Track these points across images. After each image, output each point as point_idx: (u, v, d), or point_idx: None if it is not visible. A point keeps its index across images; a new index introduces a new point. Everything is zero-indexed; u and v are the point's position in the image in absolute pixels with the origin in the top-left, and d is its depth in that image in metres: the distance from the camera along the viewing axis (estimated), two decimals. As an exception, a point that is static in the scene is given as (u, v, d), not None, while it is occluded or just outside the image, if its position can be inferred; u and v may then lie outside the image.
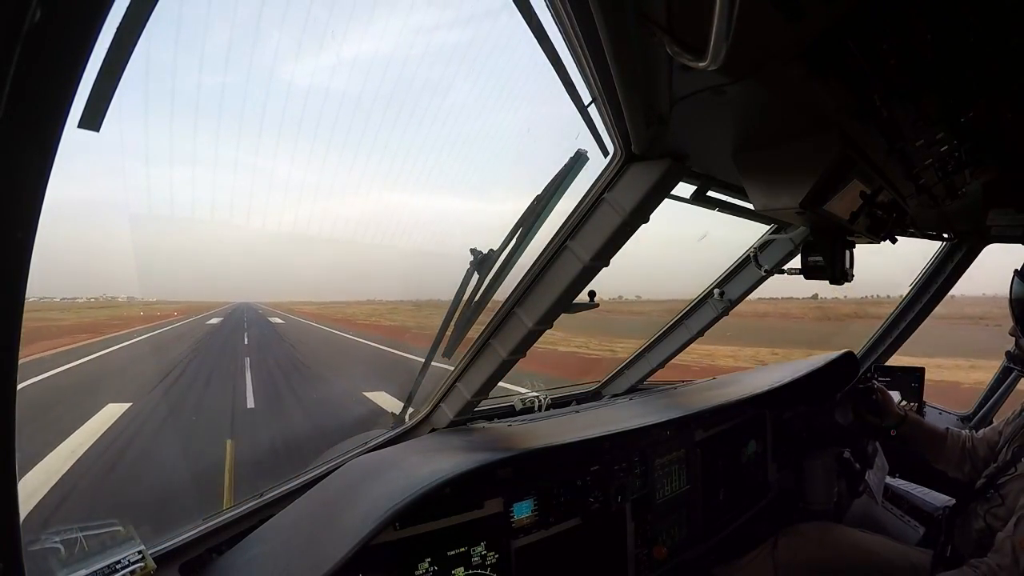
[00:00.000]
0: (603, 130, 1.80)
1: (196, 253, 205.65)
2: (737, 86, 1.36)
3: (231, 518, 2.02)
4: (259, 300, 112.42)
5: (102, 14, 0.75)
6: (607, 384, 3.79)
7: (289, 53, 2.02)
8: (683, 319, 3.54)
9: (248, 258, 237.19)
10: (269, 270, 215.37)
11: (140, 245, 52.47)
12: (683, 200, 2.29)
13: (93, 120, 1.05)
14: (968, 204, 2.68)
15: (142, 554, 1.63)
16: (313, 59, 3.07)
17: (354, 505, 1.88)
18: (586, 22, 1.15)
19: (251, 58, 2.24)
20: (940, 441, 3.21)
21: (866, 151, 1.85)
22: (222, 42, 2.13)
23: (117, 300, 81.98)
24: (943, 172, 2.15)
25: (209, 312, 67.44)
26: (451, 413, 2.57)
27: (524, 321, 2.26)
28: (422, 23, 1.82)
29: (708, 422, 3.27)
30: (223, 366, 19.55)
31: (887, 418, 3.34)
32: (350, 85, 2.25)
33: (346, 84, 2.32)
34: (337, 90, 3.23)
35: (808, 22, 1.09)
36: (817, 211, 1.88)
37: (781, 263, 3.08)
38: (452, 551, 2.09)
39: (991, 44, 1.29)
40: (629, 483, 2.73)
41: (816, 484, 3.60)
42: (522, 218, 2.10)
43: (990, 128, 1.82)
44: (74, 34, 0.72)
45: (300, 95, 2.83)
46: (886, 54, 1.28)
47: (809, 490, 3.63)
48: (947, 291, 4.08)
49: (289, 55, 2.02)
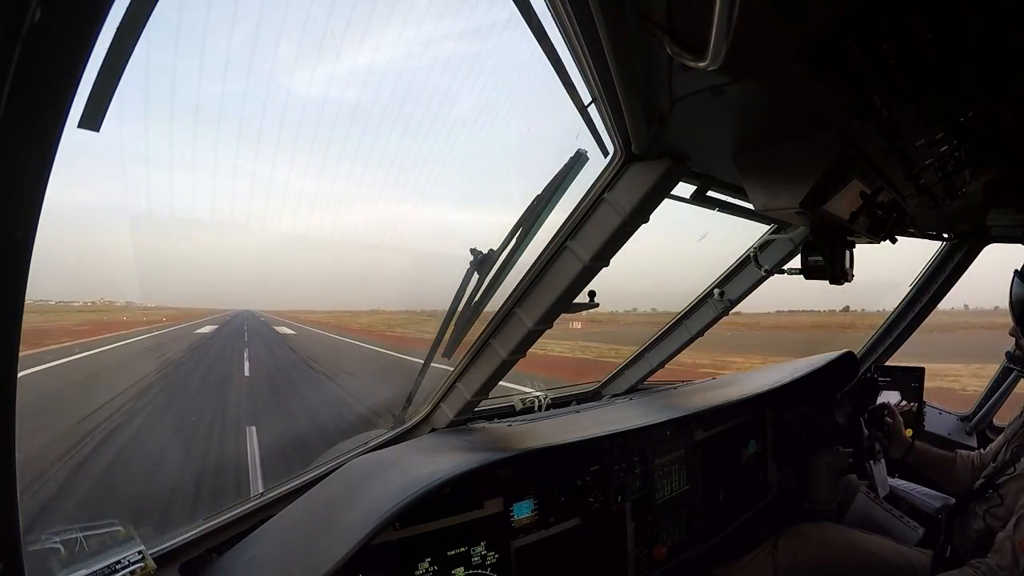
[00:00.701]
0: (603, 130, 1.80)
1: (198, 259, 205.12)
2: (737, 86, 1.36)
3: (231, 518, 2.02)
4: (261, 308, 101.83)
5: (102, 14, 0.75)
6: (607, 384, 3.79)
7: (290, 59, 2.02)
8: (683, 319, 3.54)
9: (251, 265, 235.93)
10: (272, 277, 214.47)
11: (140, 249, 51.82)
12: (683, 200, 2.29)
13: (93, 120, 1.06)
14: (968, 204, 2.68)
15: (142, 554, 1.64)
16: (320, 64, 3.06)
17: (354, 505, 1.88)
18: (586, 22, 1.15)
19: (251, 63, 2.24)
20: (948, 464, 3.24)
21: (866, 151, 1.85)
22: (221, 47, 2.13)
23: (115, 304, 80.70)
24: (943, 172, 2.15)
25: (201, 319, 58.27)
26: (451, 413, 2.57)
27: (524, 321, 2.26)
28: (423, 25, 1.82)
29: (708, 422, 3.27)
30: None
31: (895, 447, 3.37)
32: (354, 91, 2.25)
33: (351, 90, 2.32)
34: (341, 96, 3.23)
35: (808, 22, 1.09)
36: (817, 211, 1.87)
37: (781, 263, 3.08)
38: (452, 551, 2.10)
39: (991, 44, 1.29)
40: (629, 483, 2.73)
41: (820, 483, 3.61)
42: (522, 218, 2.10)
43: (990, 128, 1.82)
44: (74, 34, 0.73)
45: (303, 100, 2.83)
46: (886, 54, 1.28)
47: (813, 489, 3.63)
48: (947, 291, 4.07)
49: (290, 61, 2.01)
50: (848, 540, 3.02)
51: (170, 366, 19.11)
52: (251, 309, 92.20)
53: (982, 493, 2.80)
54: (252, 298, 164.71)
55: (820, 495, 3.60)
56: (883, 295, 4.46)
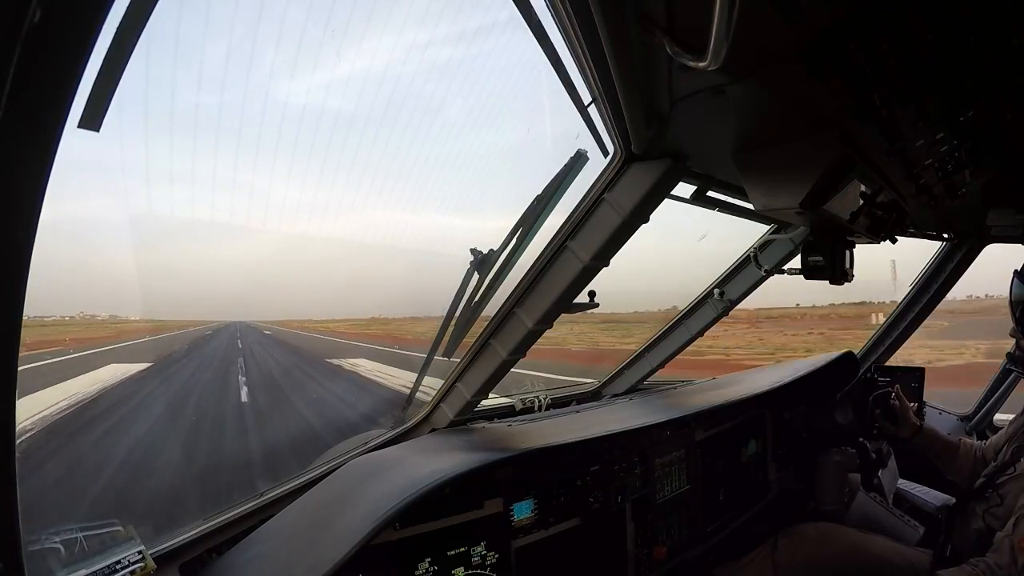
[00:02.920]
0: (603, 130, 1.80)
1: (184, 271, 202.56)
2: (737, 86, 1.37)
3: (231, 518, 2.03)
4: (258, 319, 77.93)
5: (102, 14, 0.75)
6: (607, 384, 3.79)
7: (288, 61, 2.00)
8: (683, 319, 3.55)
9: (243, 277, 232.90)
10: (267, 286, 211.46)
11: (121, 263, 49.30)
12: (683, 200, 2.29)
13: (93, 120, 1.06)
14: (968, 204, 2.67)
15: (142, 554, 1.64)
16: (318, 69, 3.02)
17: (354, 505, 1.88)
18: (586, 22, 1.15)
19: (251, 66, 2.23)
20: (953, 452, 3.23)
21: (866, 151, 1.85)
22: (218, 56, 2.13)
23: (97, 318, 77.99)
24: (943, 172, 2.15)
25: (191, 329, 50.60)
26: (451, 413, 2.57)
27: (524, 321, 2.26)
28: (423, 27, 1.82)
29: (708, 422, 3.27)
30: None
31: (903, 427, 3.35)
32: (353, 95, 2.24)
33: (349, 94, 2.30)
34: (340, 102, 3.22)
35: (808, 23, 1.10)
36: (817, 211, 1.87)
37: (781, 263, 3.09)
38: (452, 551, 2.09)
39: (991, 44, 1.29)
40: (629, 483, 2.73)
41: (828, 484, 3.59)
42: (522, 218, 2.10)
43: (990, 128, 1.82)
44: (74, 34, 0.72)
45: (301, 106, 2.82)
46: (886, 54, 1.28)
47: (820, 490, 3.62)
48: (947, 291, 4.07)
49: (288, 63, 1.99)
50: (848, 540, 3.02)
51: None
52: (245, 320, 76.85)
53: (982, 493, 2.80)
54: (247, 310, 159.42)
55: (828, 495, 3.58)
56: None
